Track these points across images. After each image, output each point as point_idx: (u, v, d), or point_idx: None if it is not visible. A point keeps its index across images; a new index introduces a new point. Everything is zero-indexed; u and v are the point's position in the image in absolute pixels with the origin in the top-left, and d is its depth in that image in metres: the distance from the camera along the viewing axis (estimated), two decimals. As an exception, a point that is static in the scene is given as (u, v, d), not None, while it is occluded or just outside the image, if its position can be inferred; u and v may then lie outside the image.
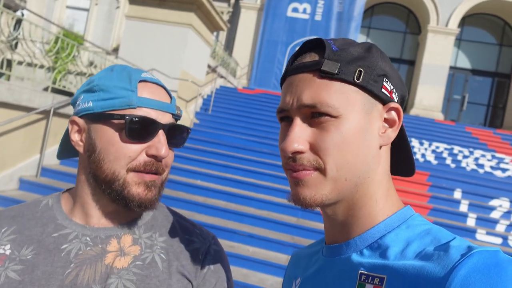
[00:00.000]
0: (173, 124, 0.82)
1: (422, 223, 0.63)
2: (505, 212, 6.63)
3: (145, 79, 0.81)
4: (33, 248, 0.77)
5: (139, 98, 0.78)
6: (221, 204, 5.63)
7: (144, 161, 0.78)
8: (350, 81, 0.61)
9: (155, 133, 0.78)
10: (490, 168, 8.54)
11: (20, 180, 5.45)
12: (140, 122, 0.76)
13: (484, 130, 11.78)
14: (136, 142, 0.77)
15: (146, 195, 0.78)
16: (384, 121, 0.65)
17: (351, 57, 0.62)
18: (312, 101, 0.60)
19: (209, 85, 11.58)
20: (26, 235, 0.79)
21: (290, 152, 0.61)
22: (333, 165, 0.60)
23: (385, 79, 0.63)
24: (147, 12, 9.06)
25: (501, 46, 17.02)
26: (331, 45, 0.63)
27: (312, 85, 0.61)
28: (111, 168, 0.77)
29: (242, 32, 17.13)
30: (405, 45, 17.66)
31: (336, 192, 0.62)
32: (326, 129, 0.60)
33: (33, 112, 5.32)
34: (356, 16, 15.77)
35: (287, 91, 0.65)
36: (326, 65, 0.61)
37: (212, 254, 0.90)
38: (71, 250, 0.78)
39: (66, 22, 18.15)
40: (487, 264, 0.48)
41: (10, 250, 0.77)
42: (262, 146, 7.88)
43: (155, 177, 0.80)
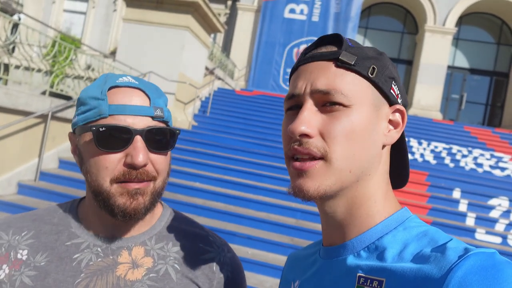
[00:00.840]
0: (151, 127, 0.76)
1: (419, 224, 0.63)
2: (504, 211, 6.63)
3: (117, 85, 0.77)
4: (47, 255, 0.78)
5: (110, 106, 0.74)
6: (220, 206, 5.62)
7: (123, 171, 0.74)
8: (364, 75, 0.62)
9: (130, 140, 0.74)
10: (489, 167, 8.55)
11: (19, 184, 5.44)
12: (108, 132, 0.73)
13: (483, 129, 11.80)
14: (111, 152, 0.74)
15: (131, 204, 0.75)
16: (389, 122, 0.66)
17: (366, 55, 0.64)
18: (327, 87, 0.61)
19: (207, 87, 11.58)
20: (41, 241, 0.79)
21: (298, 133, 0.60)
22: (340, 155, 0.60)
23: (393, 82, 0.65)
24: (144, 14, 9.06)
25: (499, 45, 17.05)
26: (348, 41, 0.65)
27: (328, 72, 0.62)
28: (95, 181, 0.75)
29: (240, 33, 17.14)
30: (403, 45, 17.68)
31: (339, 184, 0.62)
32: (336, 117, 0.61)
33: (31, 116, 5.31)
34: (353, 16, 15.78)
35: (299, 77, 0.65)
36: (344, 55, 0.62)
37: (228, 263, 0.90)
38: (82, 260, 0.78)
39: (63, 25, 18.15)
40: (483, 265, 0.49)
41: (27, 256, 0.77)
42: (260, 147, 7.88)
43: (141, 184, 0.76)
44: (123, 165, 0.74)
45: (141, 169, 0.75)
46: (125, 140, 0.74)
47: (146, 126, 0.76)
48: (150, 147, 0.76)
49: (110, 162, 0.74)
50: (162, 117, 0.78)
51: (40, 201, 5.25)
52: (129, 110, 0.75)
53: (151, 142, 0.76)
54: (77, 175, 5.97)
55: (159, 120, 0.78)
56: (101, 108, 0.75)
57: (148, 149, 0.76)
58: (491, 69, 17.08)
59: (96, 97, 0.76)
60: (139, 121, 0.75)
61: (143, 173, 0.75)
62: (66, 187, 5.63)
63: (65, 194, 5.34)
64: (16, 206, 4.93)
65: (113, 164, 0.74)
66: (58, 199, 5.27)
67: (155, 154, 0.77)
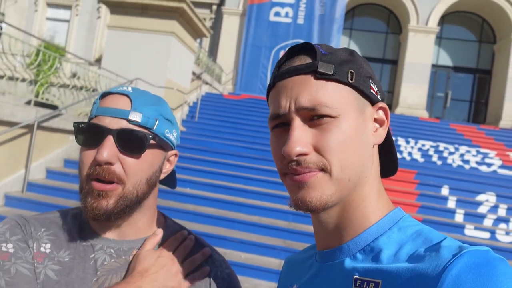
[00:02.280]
0: (123, 129, 0.79)
1: (413, 224, 0.64)
2: (491, 206, 6.73)
3: (110, 92, 0.84)
4: (69, 253, 0.82)
5: (98, 109, 0.82)
6: (211, 211, 5.60)
7: (92, 167, 0.79)
8: (344, 82, 0.62)
9: (102, 138, 0.78)
10: (476, 164, 8.67)
11: (6, 196, 5.35)
12: (86, 129, 0.81)
13: (468, 126, 11.96)
14: (88, 149, 0.80)
15: (93, 204, 0.78)
16: (374, 120, 0.67)
17: (341, 60, 0.63)
18: (311, 103, 0.60)
19: (194, 92, 11.55)
20: (62, 239, 0.83)
21: (295, 155, 0.60)
22: (338, 165, 0.61)
23: (371, 81, 0.65)
24: (129, 21, 9.01)
25: (481, 43, 17.33)
26: (319, 48, 0.64)
27: (308, 87, 0.61)
28: (80, 177, 0.82)
29: (226, 38, 17.14)
30: (387, 45, 17.86)
31: (339, 193, 0.62)
32: (327, 129, 0.61)
33: (16, 126, 5.23)
34: (337, 18, 15.90)
35: (280, 95, 0.64)
36: (321, 66, 0.61)
37: (225, 279, 0.92)
38: (97, 259, 0.82)
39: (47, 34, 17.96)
40: (477, 263, 0.49)
41: (50, 250, 0.81)
42: (250, 151, 7.87)
43: (106, 186, 0.78)
44: (92, 161, 0.79)
45: (104, 166, 0.78)
46: (98, 138, 0.79)
47: (119, 127, 0.80)
48: (121, 148, 0.79)
49: (86, 158, 0.80)
50: (138, 121, 0.80)
51: (28, 212, 5.17)
52: (109, 112, 0.80)
53: (123, 144, 0.79)
54: (65, 184, 5.90)
55: (135, 124, 0.80)
56: (92, 110, 0.83)
57: (119, 149, 0.79)
58: (474, 67, 17.35)
59: (94, 102, 0.85)
60: (115, 123, 0.80)
61: (106, 170, 0.78)
62: (54, 197, 5.56)
63: (53, 204, 5.26)
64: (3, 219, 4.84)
65: (88, 160, 0.80)
66: (47, 210, 5.16)
67: (126, 155, 0.80)
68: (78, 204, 0.80)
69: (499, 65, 16.36)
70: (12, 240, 0.78)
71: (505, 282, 0.47)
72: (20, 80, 6.28)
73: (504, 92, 15.32)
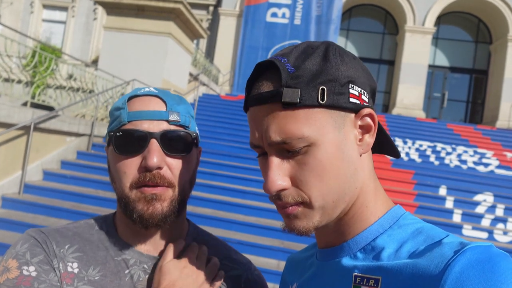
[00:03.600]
0: (166, 131, 0.77)
1: (414, 221, 0.63)
2: (489, 206, 6.74)
3: (137, 94, 0.80)
4: (99, 270, 0.76)
5: (129, 113, 0.77)
6: (209, 212, 5.59)
7: (139, 174, 0.75)
8: (314, 105, 0.57)
9: (145, 144, 0.75)
10: (473, 164, 8.69)
11: (3, 198, 5.32)
12: (125, 136, 0.75)
13: (465, 126, 12.00)
14: (129, 157, 0.76)
15: (148, 210, 0.74)
16: (360, 127, 0.62)
17: (309, 76, 0.57)
18: (281, 137, 0.57)
19: (191, 93, 11.54)
20: (90, 255, 0.78)
21: (273, 192, 0.59)
22: (318, 196, 0.59)
23: (350, 85, 0.59)
24: (125, 22, 9.00)
25: (477, 43, 17.41)
26: (285, 65, 0.58)
27: (275, 119, 0.58)
28: (119, 188, 0.77)
29: (222, 39, 17.14)
30: (384, 46, 17.91)
31: (326, 216, 0.61)
32: (303, 161, 0.58)
33: (13, 128, 5.21)
34: (334, 19, 15.95)
35: (253, 126, 0.62)
36: (286, 95, 0.56)
37: (257, 281, 0.91)
38: (133, 275, 0.78)
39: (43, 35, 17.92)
40: (480, 259, 0.49)
41: (78, 269, 0.75)
42: (247, 152, 7.86)
43: (158, 189, 0.75)
44: (138, 169, 0.75)
45: (155, 172, 0.75)
46: (141, 144, 0.75)
47: (161, 129, 0.77)
48: (166, 150, 0.77)
49: (128, 167, 0.76)
50: (178, 121, 0.79)
51: (25, 214, 5.15)
52: (145, 115, 0.77)
53: (167, 146, 0.77)
54: (62, 186, 5.87)
55: (175, 124, 0.79)
56: (121, 116, 0.78)
57: (164, 152, 0.76)
58: (470, 67, 17.42)
59: (118, 108, 0.79)
60: (155, 126, 0.77)
61: (157, 176, 0.75)
62: (51, 199, 5.53)
63: (50, 206, 5.24)
64: (1, 221, 4.82)
65: (131, 168, 0.75)
66: (44, 212, 5.17)
67: (172, 158, 0.78)
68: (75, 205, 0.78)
69: (495, 66, 16.44)
70: (33, 262, 0.72)
71: (508, 279, 0.46)
72: (16, 81, 6.26)
73: (500, 92, 15.39)
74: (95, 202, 5.48)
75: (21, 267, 0.71)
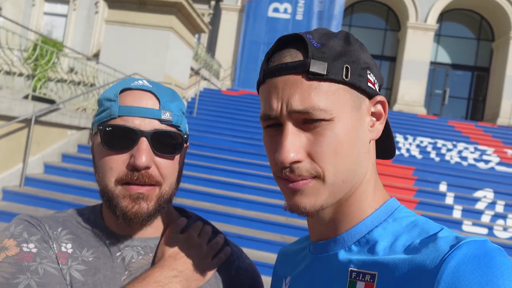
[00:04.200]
0: (157, 130, 0.75)
1: (409, 214, 0.63)
2: (489, 203, 6.75)
3: (130, 87, 0.77)
4: (93, 252, 0.77)
5: (120, 107, 0.75)
6: (209, 206, 5.60)
7: (126, 172, 0.74)
8: (339, 80, 0.58)
9: (135, 141, 0.73)
10: (474, 160, 8.70)
11: (3, 190, 5.33)
12: (114, 132, 0.74)
13: (466, 123, 12.00)
14: (117, 153, 0.74)
15: (133, 208, 0.74)
16: (372, 114, 0.64)
17: (335, 53, 0.58)
18: (304, 106, 0.57)
19: (192, 88, 11.53)
20: (82, 239, 0.78)
21: (288, 163, 0.58)
22: (332, 171, 0.58)
23: (368, 72, 0.61)
24: (127, 16, 8.98)
25: (479, 40, 17.35)
26: (312, 41, 0.59)
27: (300, 88, 0.57)
28: (102, 181, 0.76)
29: (224, 33, 17.10)
30: (386, 42, 17.85)
31: (333, 196, 0.61)
32: (321, 134, 0.58)
33: (14, 121, 5.21)
34: (336, 14, 15.88)
35: (272, 96, 0.60)
36: (313, 66, 0.57)
37: (247, 269, 0.92)
38: (125, 257, 0.78)
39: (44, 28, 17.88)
40: (476, 254, 0.49)
41: (72, 249, 0.76)
42: (247, 146, 7.87)
43: (144, 189, 0.74)
44: (126, 166, 0.74)
45: (143, 171, 0.74)
46: (130, 141, 0.74)
47: (153, 128, 0.75)
48: (155, 150, 0.75)
49: (115, 163, 0.74)
50: (170, 120, 0.77)
51: (25, 206, 5.16)
52: (137, 111, 0.75)
53: (157, 145, 0.75)
54: (63, 179, 5.89)
55: (167, 123, 0.77)
56: (112, 109, 0.75)
57: (153, 152, 0.75)
58: (472, 64, 17.37)
59: (109, 99, 0.77)
60: (147, 124, 0.75)
61: (145, 176, 0.74)
62: (52, 191, 5.55)
63: (51, 199, 5.25)
64: (1, 213, 4.83)
65: (118, 164, 0.74)
66: (44, 204, 5.19)
67: (160, 157, 0.77)
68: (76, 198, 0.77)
69: (497, 63, 16.38)
70: (32, 240, 0.72)
71: (504, 273, 0.46)
72: (17, 74, 6.26)
73: (502, 90, 15.35)
74: (95, 195, 5.49)
75: (20, 244, 0.71)
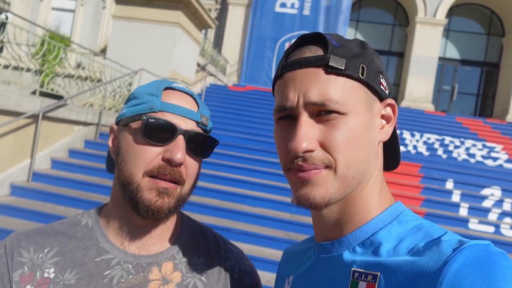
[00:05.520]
0: (195, 132, 0.79)
1: (414, 218, 0.63)
2: (496, 200, 6.69)
3: (172, 87, 0.81)
4: (76, 273, 0.77)
5: (162, 103, 0.78)
6: (215, 203, 5.62)
7: (158, 164, 0.76)
8: (355, 77, 0.61)
9: (173, 137, 0.76)
10: (481, 158, 8.61)
11: (11, 185, 5.39)
12: (156, 124, 0.76)
13: (475, 119, 11.88)
14: (153, 145, 0.76)
15: (156, 202, 0.76)
16: (382, 117, 0.66)
17: (353, 53, 0.62)
18: (320, 98, 0.59)
19: (199, 83, 11.54)
20: (68, 257, 0.78)
21: (302, 151, 0.59)
22: (343, 163, 0.60)
23: (381, 76, 0.64)
24: (134, 11, 8.99)
25: (489, 36, 17.14)
26: (331, 40, 0.62)
27: (319, 80, 0.60)
28: (129, 170, 0.77)
29: (231, 29, 17.06)
30: (394, 37, 17.71)
31: (342, 190, 0.62)
32: (335, 125, 0.60)
33: (22, 116, 5.25)
34: (344, 9, 15.77)
35: (288, 87, 0.62)
36: (333, 60, 0.60)
37: (248, 272, 0.93)
38: (113, 276, 0.77)
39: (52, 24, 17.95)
40: (478, 257, 0.49)
41: (54, 274, 0.76)
42: (254, 143, 7.87)
43: (171, 185, 0.77)
44: (161, 159, 0.76)
45: (176, 168, 0.77)
46: (168, 136, 0.77)
47: (190, 129, 0.79)
48: (188, 149, 0.79)
49: (150, 154, 0.76)
50: (206, 125, 0.83)
51: (33, 201, 5.21)
52: (178, 110, 0.79)
53: (191, 145, 0.79)
54: (70, 175, 5.93)
55: (202, 127, 0.82)
56: (154, 103, 0.78)
57: (187, 151, 0.79)
58: (481, 60, 17.18)
59: (151, 93, 0.80)
60: (185, 123, 0.79)
61: (176, 172, 0.77)
62: (59, 187, 5.59)
63: (58, 194, 5.30)
64: (9, 208, 4.89)
65: (151, 156, 0.76)
66: (52, 200, 5.24)
67: (190, 158, 0.80)
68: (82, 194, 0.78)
69: (507, 58, 16.19)
70: None
71: (506, 276, 0.47)
72: (25, 70, 6.30)
73: (511, 86, 15.17)
74: (102, 190, 5.53)
75: None
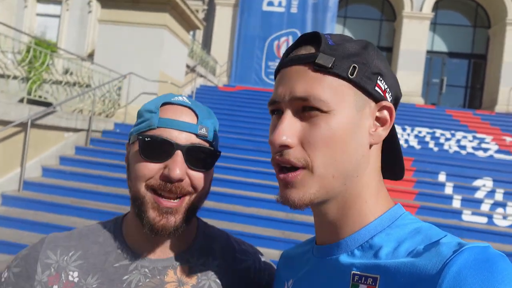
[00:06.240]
0: (193, 145, 0.79)
1: (412, 221, 0.63)
2: (488, 191, 6.76)
3: (170, 102, 0.82)
4: (98, 277, 0.79)
5: (160, 119, 0.79)
6: (210, 205, 5.60)
7: (159, 182, 0.77)
8: (343, 76, 0.61)
9: (171, 153, 0.77)
10: (472, 149, 8.70)
11: (2, 195, 5.32)
12: (152, 142, 0.77)
13: (464, 112, 12.00)
14: (152, 162, 0.77)
15: (160, 221, 0.77)
16: (376, 119, 0.65)
17: (346, 53, 0.61)
18: (305, 94, 0.60)
19: (189, 85, 11.50)
20: (91, 262, 0.81)
21: (278, 144, 0.60)
22: (321, 162, 0.60)
23: (379, 78, 0.63)
24: (120, 15, 8.92)
25: (475, 28, 17.30)
26: (328, 39, 0.63)
27: (305, 77, 0.61)
28: (134, 186, 0.79)
29: (219, 29, 17.03)
30: (382, 33, 17.80)
31: (324, 190, 0.61)
32: (315, 124, 0.60)
33: (10, 125, 5.19)
34: (331, 6, 15.82)
35: (280, 83, 0.64)
36: (320, 58, 0.60)
37: (266, 269, 0.94)
38: (131, 281, 0.80)
39: (38, 30, 17.78)
40: (478, 259, 0.49)
41: (78, 278, 0.79)
42: (246, 143, 7.85)
43: (174, 204, 0.78)
44: (160, 176, 0.77)
45: (176, 184, 0.77)
46: (166, 152, 0.77)
47: (189, 142, 0.79)
48: (189, 163, 0.79)
49: (149, 171, 0.77)
50: (206, 136, 0.81)
51: (25, 211, 5.15)
52: (175, 124, 0.79)
53: (191, 159, 0.79)
54: (62, 182, 5.87)
55: (202, 138, 0.81)
56: (152, 120, 0.80)
57: (187, 165, 0.78)
58: (469, 52, 17.34)
59: (150, 110, 0.81)
60: (184, 137, 0.79)
61: (177, 187, 0.77)
62: (51, 195, 5.53)
63: (50, 202, 5.24)
64: (1, 218, 4.82)
65: (151, 172, 0.77)
66: (43, 208, 5.18)
67: (194, 171, 0.80)
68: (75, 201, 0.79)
69: (494, 50, 16.35)
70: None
71: (506, 279, 0.47)
72: (11, 77, 6.22)
73: (499, 77, 15.34)
74: (95, 197, 5.49)
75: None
